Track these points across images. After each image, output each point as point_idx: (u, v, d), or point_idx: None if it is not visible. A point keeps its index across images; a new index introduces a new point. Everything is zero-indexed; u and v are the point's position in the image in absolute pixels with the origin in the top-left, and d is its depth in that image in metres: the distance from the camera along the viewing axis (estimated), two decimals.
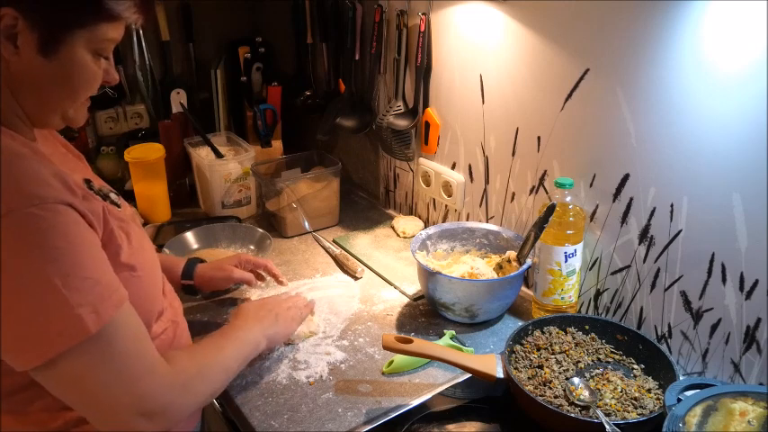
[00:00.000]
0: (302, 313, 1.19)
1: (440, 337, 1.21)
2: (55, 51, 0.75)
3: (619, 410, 0.98)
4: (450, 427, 1.03)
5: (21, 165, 0.72)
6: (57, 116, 0.82)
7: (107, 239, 0.80)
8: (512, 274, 1.24)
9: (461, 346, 1.18)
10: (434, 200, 1.61)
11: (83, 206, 0.76)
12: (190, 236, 1.51)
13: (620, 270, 1.18)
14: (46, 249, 0.70)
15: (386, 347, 1.06)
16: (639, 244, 1.13)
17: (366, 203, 1.83)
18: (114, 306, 0.75)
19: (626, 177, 1.12)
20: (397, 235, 1.63)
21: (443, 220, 1.60)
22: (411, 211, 1.72)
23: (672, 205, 1.06)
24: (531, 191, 1.33)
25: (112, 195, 0.93)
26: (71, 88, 0.80)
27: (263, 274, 1.35)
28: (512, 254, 1.27)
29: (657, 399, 1.01)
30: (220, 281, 1.28)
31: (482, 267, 1.26)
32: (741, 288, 0.99)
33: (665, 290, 1.11)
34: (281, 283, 1.34)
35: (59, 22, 0.75)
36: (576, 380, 1.04)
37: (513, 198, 1.38)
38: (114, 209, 0.87)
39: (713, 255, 1.02)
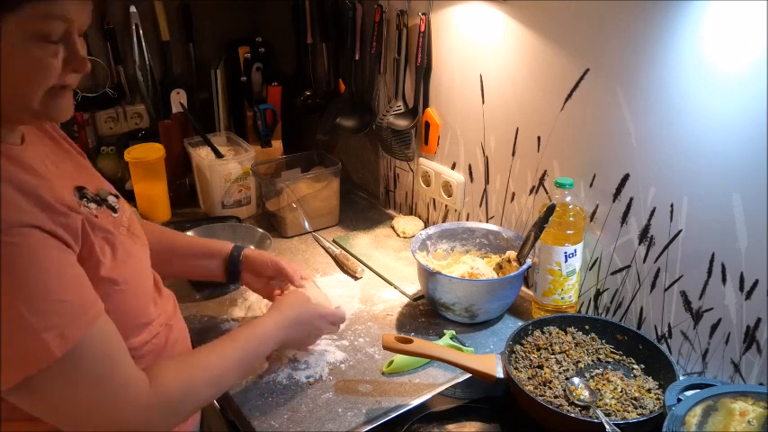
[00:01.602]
0: (332, 331, 1.18)
1: (440, 337, 1.21)
2: None
3: (619, 410, 0.98)
4: (450, 427, 1.03)
5: None
6: (20, 111, 0.75)
7: (86, 254, 0.78)
8: (512, 274, 1.24)
9: (461, 346, 1.18)
10: (434, 200, 1.61)
11: (54, 225, 0.73)
12: (190, 236, 1.51)
13: (620, 270, 1.18)
14: (10, 275, 0.68)
15: (386, 347, 1.06)
16: (639, 244, 1.13)
17: (366, 203, 1.83)
18: (84, 326, 0.74)
19: (626, 177, 1.12)
20: (397, 235, 1.63)
21: (443, 220, 1.60)
22: (411, 211, 1.72)
23: (672, 205, 1.06)
24: (531, 191, 1.33)
25: (110, 199, 0.91)
26: (16, 81, 0.72)
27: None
28: (512, 254, 1.27)
29: (657, 399, 1.01)
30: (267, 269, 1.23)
31: (482, 267, 1.26)
32: (741, 288, 0.99)
33: (665, 290, 1.11)
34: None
35: None
36: (575, 380, 1.04)
37: (513, 198, 1.38)
38: (103, 218, 0.85)
39: (713, 255, 1.02)
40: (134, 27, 1.83)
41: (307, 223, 1.65)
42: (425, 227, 1.61)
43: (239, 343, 0.98)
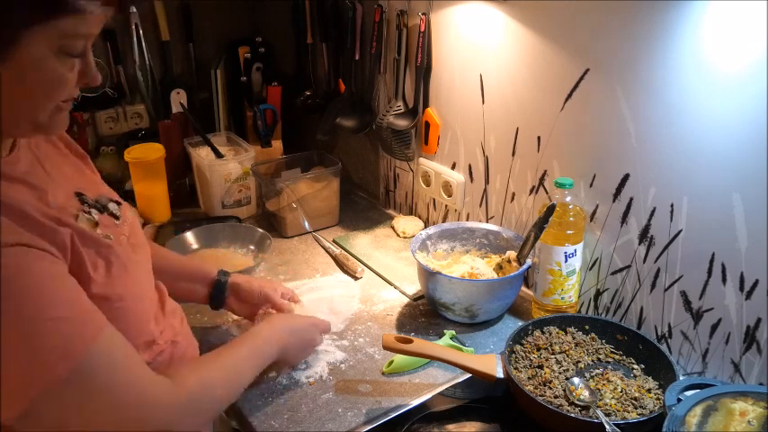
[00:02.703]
0: (320, 341, 1.17)
1: (440, 337, 1.21)
2: (8, 52, 0.67)
3: (619, 410, 0.98)
4: (450, 427, 1.03)
5: None
6: (25, 124, 0.74)
7: (75, 270, 0.75)
8: (512, 274, 1.24)
9: (461, 346, 1.18)
10: (434, 200, 1.61)
11: (42, 240, 0.70)
12: (190, 236, 1.51)
13: (620, 270, 1.18)
14: (5, 299, 0.65)
15: (386, 347, 1.06)
16: (639, 244, 1.13)
17: (366, 203, 1.83)
18: (88, 340, 0.71)
19: (626, 177, 1.12)
20: (397, 235, 1.63)
21: (443, 220, 1.60)
22: (411, 211, 1.72)
23: (672, 205, 1.06)
24: (531, 191, 1.33)
25: (111, 206, 0.89)
26: (33, 94, 0.71)
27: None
28: (512, 254, 1.27)
29: (657, 399, 1.01)
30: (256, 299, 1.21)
31: (482, 267, 1.26)
32: (741, 288, 0.99)
33: (665, 290, 1.11)
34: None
35: (12, 19, 0.66)
36: (576, 380, 1.04)
37: (513, 198, 1.38)
38: (105, 225, 0.83)
39: (713, 255, 1.02)
40: (134, 27, 1.83)
41: (307, 223, 1.65)
42: (425, 227, 1.61)
43: (246, 345, 0.99)
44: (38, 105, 0.73)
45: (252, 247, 1.53)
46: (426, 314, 1.31)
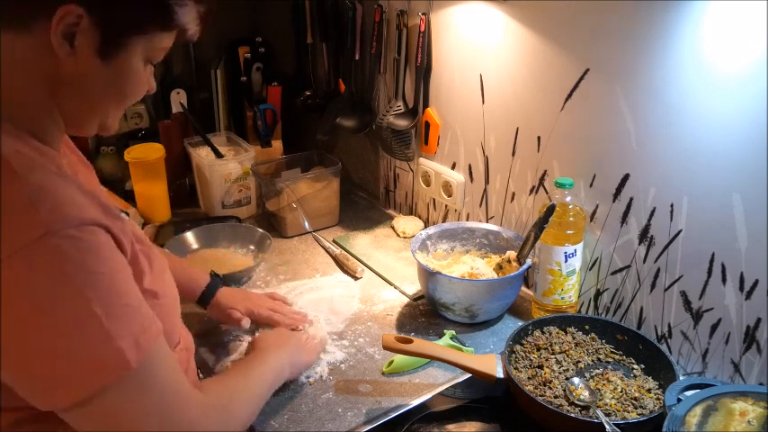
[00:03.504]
0: (319, 348, 1.17)
1: (440, 337, 1.21)
2: (114, 55, 0.71)
3: (619, 410, 0.98)
4: (450, 427, 1.03)
5: (55, 183, 0.66)
6: (96, 122, 0.78)
7: (132, 263, 0.74)
8: (512, 274, 1.24)
9: (461, 346, 1.18)
10: (434, 200, 1.61)
11: (115, 229, 0.69)
12: (190, 236, 1.51)
13: (620, 270, 1.18)
14: (86, 274, 0.64)
15: (386, 347, 1.06)
16: (639, 244, 1.13)
17: (366, 203, 1.83)
18: (154, 336, 0.70)
19: (626, 177, 1.12)
20: (397, 235, 1.63)
21: (443, 220, 1.60)
22: (411, 211, 1.72)
23: (672, 205, 1.06)
24: (531, 191, 1.33)
25: (123, 216, 0.88)
26: (121, 94, 0.76)
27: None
28: (512, 254, 1.27)
29: (657, 399, 1.01)
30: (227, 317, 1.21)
31: (482, 267, 1.26)
32: (741, 288, 0.99)
33: (665, 290, 1.11)
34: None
35: (126, 25, 0.71)
36: (576, 380, 1.04)
37: (513, 198, 1.38)
38: (137, 230, 0.83)
39: (713, 255, 1.02)
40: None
41: (307, 223, 1.65)
42: (425, 227, 1.61)
43: (268, 366, 0.98)
44: (119, 105, 0.78)
45: (252, 247, 1.53)
46: (426, 314, 1.31)
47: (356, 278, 1.44)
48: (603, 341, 1.14)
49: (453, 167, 1.52)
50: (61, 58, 0.69)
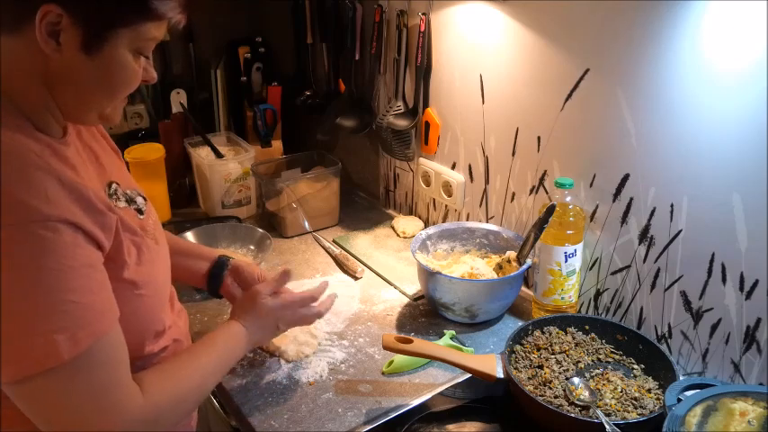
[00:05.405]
0: (310, 320, 1.11)
1: (440, 337, 1.21)
2: (98, 49, 0.74)
3: (619, 410, 0.98)
4: (450, 427, 1.03)
5: (32, 175, 0.70)
6: (93, 114, 0.81)
7: (114, 254, 0.78)
8: (512, 274, 1.24)
9: (461, 346, 1.18)
10: (434, 200, 1.61)
11: (93, 225, 0.73)
12: (190, 236, 1.51)
13: (620, 270, 1.18)
14: (37, 269, 0.68)
15: (386, 347, 1.06)
16: (639, 244, 1.13)
17: (366, 203, 1.83)
18: (98, 333, 0.73)
19: (626, 177, 1.12)
20: (397, 235, 1.63)
21: (443, 220, 1.60)
22: (411, 211, 1.72)
23: (672, 205, 1.06)
24: (531, 191, 1.33)
25: (139, 200, 0.91)
26: (111, 87, 0.79)
27: None
28: (512, 254, 1.27)
29: (657, 399, 1.01)
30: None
31: (482, 267, 1.26)
32: (741, 288, 0.99)
33: (665, 290, 1.11)
34: None
35: (104, 20, 0.73)
36: (576, 380, 1.04)
37: (513, 198, 1.38)
38: (132, 220, 0.85)
39: (713, 255, 1.02)
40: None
41: (307, 223, 1.65)
42: (425, 227, 1.61)
43: (215, 348, 0.95)
44: (111, 97, 0.80)
45: (252, 247, 1.53)
46: (426, 314, 1.31)
47: (356, 278, 1.44)
48: (603, 341, 1.14)
49: (453, 167, 1.52)
50: (49, 56, 0.73)
